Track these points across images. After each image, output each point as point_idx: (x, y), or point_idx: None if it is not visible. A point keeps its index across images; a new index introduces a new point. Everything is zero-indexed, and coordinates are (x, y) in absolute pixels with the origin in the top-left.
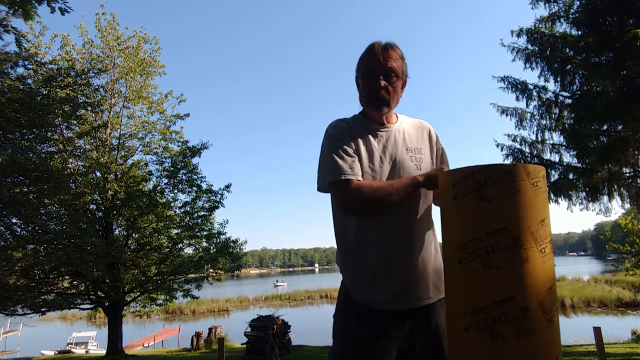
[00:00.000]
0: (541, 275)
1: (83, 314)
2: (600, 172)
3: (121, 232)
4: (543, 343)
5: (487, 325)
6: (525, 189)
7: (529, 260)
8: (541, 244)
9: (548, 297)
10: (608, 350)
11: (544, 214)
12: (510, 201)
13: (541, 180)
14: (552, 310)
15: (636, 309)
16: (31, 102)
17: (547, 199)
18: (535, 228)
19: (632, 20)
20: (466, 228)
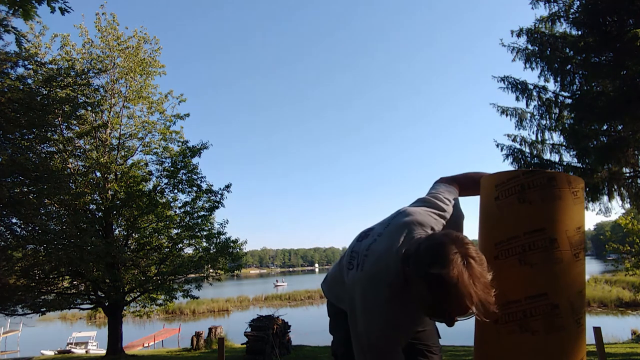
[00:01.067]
0: (573, 278)
1: (83, 314)
2: (600, 172)
3: (121, 232)
4: (570, 341)
5: (517, 318)
6: (566, 195)
7: (563, 261)
8: (576, 249)
9: (578, 299)
10: (608, 350)
11: (580, 222)
12: (551, 205)
13: (580, 191)
14: (580, 312)
15: (636, 309)
16: (31, 102)
17: (584, 209)
18: (572, 233)
19: (632, 20)
20: (506, 227)
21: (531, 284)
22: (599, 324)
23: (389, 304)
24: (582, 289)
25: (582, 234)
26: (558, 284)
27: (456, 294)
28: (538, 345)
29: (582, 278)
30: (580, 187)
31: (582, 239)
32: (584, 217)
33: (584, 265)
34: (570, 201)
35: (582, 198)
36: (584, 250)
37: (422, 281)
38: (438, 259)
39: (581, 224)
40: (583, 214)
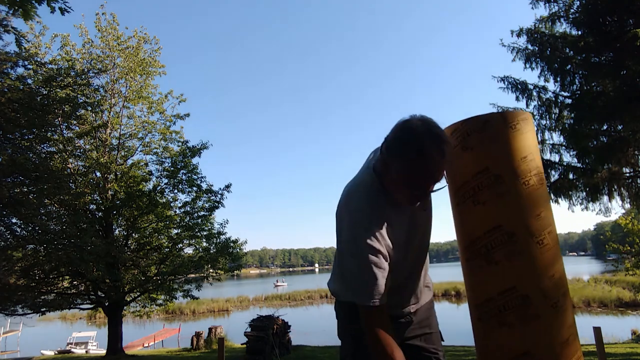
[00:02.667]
0: (523, 205)
1: (83, 314)
2: (600, 172)
3: (121, 232)
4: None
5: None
6: (502, 132)
7: (510, 193)
8: (524, 177)
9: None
10: (608, 350)
11: (525, 152)
12: (490, 145)
13: (519, 122)
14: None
15: (636, 309)
16: (31, 102)
17: (531, 138)
18: (517, 164)
19: (632, 20)
20: (459, 174)
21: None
22: (599, 324)
23: (368, 208)
24: (539, 213)
25: (530, 162)
26: (507, 212)
27: (426, 152)
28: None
29: (537, 203)
30: (520, 119)
31: (530, 166)
32: (530, 145)
33: (539, 190)
34: (509, 136)
35: (525, 129)
36: (538, 175)
37: (395, 155)
38: (405, 125)
39: (527, 153)
40: (530, 143)
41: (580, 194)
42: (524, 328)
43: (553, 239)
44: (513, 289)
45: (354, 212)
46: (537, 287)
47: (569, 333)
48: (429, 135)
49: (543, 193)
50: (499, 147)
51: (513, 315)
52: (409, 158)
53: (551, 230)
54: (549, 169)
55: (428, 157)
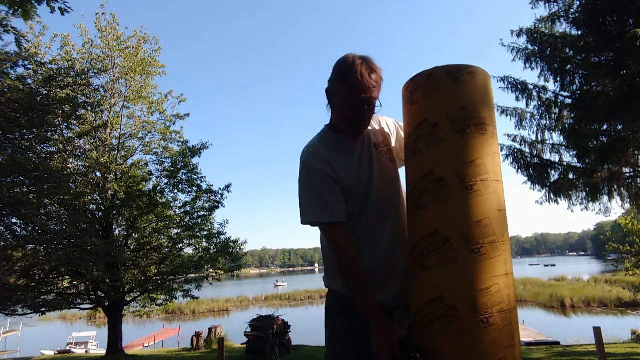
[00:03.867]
0: (457, 153)
1: (83, 314)
2: (600, 172)
3: (121, 232)
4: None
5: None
6: (443, 84)
7: (445, 140)
8: (461, 125)
9: (465, 170)
10: (608, 350)
11: (464, 102)
12: (430, 97)
13: (464, 75)
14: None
15: (636, 309)
16: (31, 102)
17: (475, 89)
18: (454, 113)
19: (632, 20)
20: (405, 128)
21: (423, 167)
22: (599, 324)
23: (316, 143)
24: (474, 158)
25: (469, 112)
26: (442, 160)
27: (356, 68)
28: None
29: (473, 149)
30: (466, 72)
31: (468, 116)
32: (474, 96)
33: (477, 138)
34: (449, 87)
35: (469, 81)
36: (479, 125)
37: (334, 81)
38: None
39: (466, 103)
40: (472, 93)
41: (580, 194)
42: (441, 271)
43: (486, 187)
44: (435, 233)
45: (306, 149)
46: (458, 231)
47: (493, 283)
48: (358, 57)
49: (482, 142)
50: (437, 98)
51: (433, 258)
52: (342, 76)
53: (485, 179)
54: (549, 169)
55: (358, 71)
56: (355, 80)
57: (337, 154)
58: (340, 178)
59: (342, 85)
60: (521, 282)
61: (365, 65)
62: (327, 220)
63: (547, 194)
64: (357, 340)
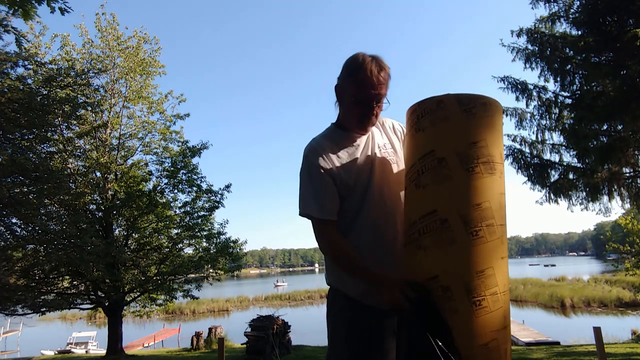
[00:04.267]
0: (464, 191)
1: (83, 314)
2: (600, 172)
3: (121, 232)
4: (462, 254)
5: (415, 238)
6: (454, 115)
7: (453, 178)
8: (469, 164)
9: (472, 212)
10: (608, 350)
11: (475, 137)
12: (439, 127)
13: (476, 106)
14: (477, 224)
15: (636, 309)
16: (31, 102)
17: (487, 124)
18: (463, 149)
19: (632, 20)
20: (407, 156)
21: (423, 204)
22: (599, 324)
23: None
24: (480, 202)
25: (479, 149)
26: (446, 200)
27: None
28: (430, 260)
29: (477, 191)
30: (478, 103)
31: (478, 153)
32: (486, 132)
33: (485, 179)
34: (461, 119)
35: (481, 114)
36: (484, 164)
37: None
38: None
39: (477, 139)
40: (484, 129)
41: (580, 194)
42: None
43: (491, 233)
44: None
45: (310, 143)
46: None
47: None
48: (368, 55)
49: (490, 183)
50: (447, 129)
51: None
52: (352, 73)
53: (491, 224)
54: (549, 169)
55: (367, 68)
56: (364, 77)
57: (339, 151)
58: (339, 175)
59: (352, 82)
60: (521, 282)
61: (374, 63)
62: (318, 216)
63: (547, 194)
64: (357, 340)
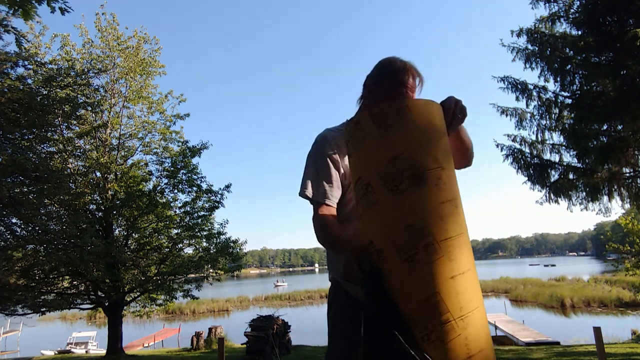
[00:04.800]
0: (391, 215)
1: (83, 314)
2: (600, 172)
3: (121, 232)
4: (402, 285)
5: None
6: (370, 133)
7: (379, 202)
8: (393, 183)
9: (404, 236)
10: (608, 350)
11: (395, 151)
12: (360, 151)
13: (392, 116)
14: (411, 248)
15: (636, 309)
16: (31, 102)
17: (409, 131)
18: (385, 167)
19: (632, 20)
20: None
21: (364, 236)
22: (599, 324)
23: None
24: (411, 221)
25: (401, 162)
26: (377, 226)
27: (406, 73)
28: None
29: (408, 209)
30: (392, 113)
31: (401, 167)
32: (407, 141)
33: (415, 194)
34: (376, 136)
35: (399, 123)
36: (415, 176)
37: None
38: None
39: (398, 152)
40: (405, 138)
41: (580, 194)
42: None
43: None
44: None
45: (324, 131)
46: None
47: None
48: (406, 61)
49: (421, 197)
50: (366, 150)
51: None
52: (385, 76)
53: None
54: (549, 169)
55: (406, 73)
56: (402, 81)
57: None
58: (345, 168)
59: (388, 83)
60: (521, 282)
61: (413, 70)
62: (315, 198)
63: (547, 194)
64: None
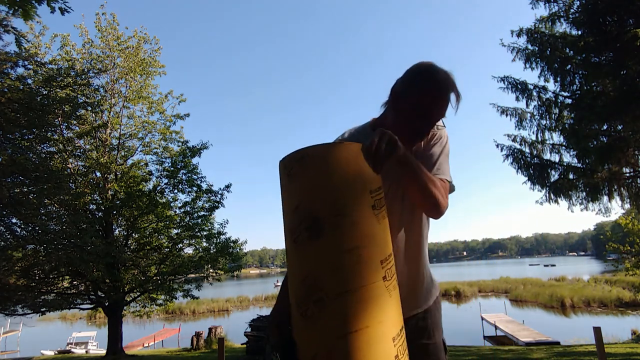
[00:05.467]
0: (292, 268)
1: (83, 314)
2: (600, 172)
3: (121, 232)
4: (298, 339)
5: None
6: (284, 182)
7: (288, 254)
8: (294, 233)
9: (300, 290)
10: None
11: (296, 201)
12: (283, 196)
13: (295, 166)
14: (304, 304)
15: (636, 309)
16: (31, 102)
17: (308, 180)
18: (289, 216)
19: (632, 20)
20: None
21: None
22: (599, 324)
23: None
24: (304, 275)
25: (299, 214)
26: (288, 279)
27: (446, 86)
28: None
29: (302, 263)
30: (295, 162)
31: (300, 219)
32: (304, 191)
33: (309, 246)
34: (286, 185)
35: (301, 172)
36: (310, 227)
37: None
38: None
39: (297, 203)
40: (303, 188)
41: (580, 194)
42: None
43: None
44: None
45: (342, 134)
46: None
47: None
48: (447, 72)
49: (314, 250)
50: (282, 199)
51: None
52: (427, 84)
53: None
54: (549, 169)
55: (440, 86)
56: (434, 95)
57: None
58: None
59: (425, 93)
60: (521, 282)
61: (444, 91)
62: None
63: (547, 194)
64: None
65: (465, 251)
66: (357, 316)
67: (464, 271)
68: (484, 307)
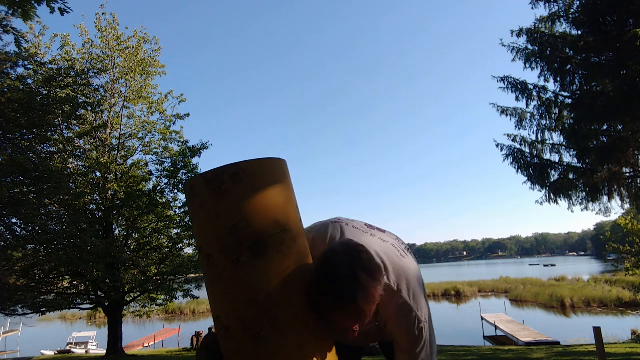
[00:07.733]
0: (235, 290)
1: (83, 314)
2: (600, 172)
3: (121, 232)
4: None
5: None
6: (207, 200)
7: (222, 276)
8: (231, 255)
9: (248, 311)
10: (608, 350)
11: (234, 219)
12: (199, 219)
13: (227, 181)
14: (256, 324)
15: (636, 309)
16: (31, 102)
17: (246, 196)
18: (222, 238)
19: (632, 20)
20: None
21: (213, 309)
22: (599, 324)
23: None
24: (253, 295)
25: (241, 232)
26: (222, 301)
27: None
28: None
29: (251, 283)
30: (226, 177)
31: (241, 237)
32: (245, 208)
33: (258, 265)
34: (213, 203)
35: (235, 188)
36: (256, 245)
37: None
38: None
39: (236, 221)
40: (242, 205)
41: (580, 194)
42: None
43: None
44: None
45: None
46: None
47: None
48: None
49: (262, 269)
50: (204, 219)
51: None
52: (328, 306)
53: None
54: (549, 169)
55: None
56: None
57: None
58: None
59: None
60: (521, 282)
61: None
62: None
63: (547, 194)
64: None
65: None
66: (303, 335)
67: (464, 271)
68: (484, 307)
